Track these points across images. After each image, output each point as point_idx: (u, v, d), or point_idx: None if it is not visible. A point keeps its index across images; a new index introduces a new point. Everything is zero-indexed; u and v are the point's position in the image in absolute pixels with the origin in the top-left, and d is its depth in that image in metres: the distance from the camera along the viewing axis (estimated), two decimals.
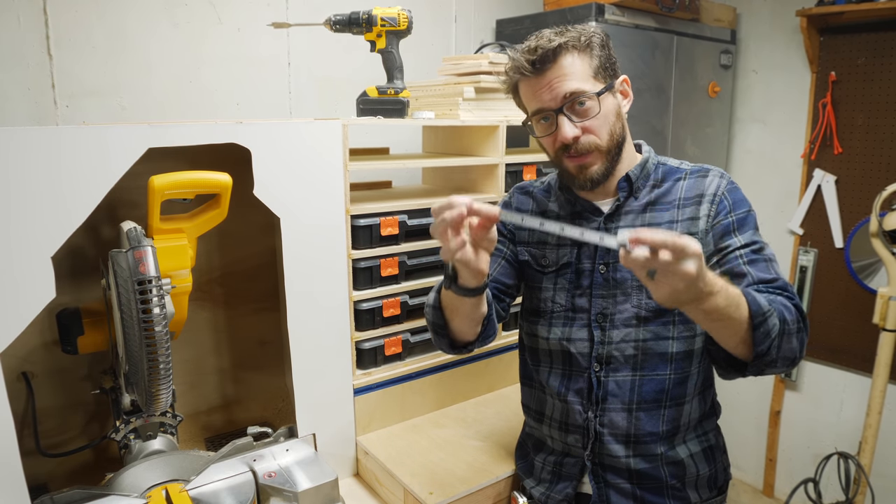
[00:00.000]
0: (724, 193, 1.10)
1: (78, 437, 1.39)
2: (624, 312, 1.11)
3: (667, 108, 2.32)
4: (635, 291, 1.11)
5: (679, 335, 1.10)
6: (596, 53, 1.08)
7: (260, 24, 1.86)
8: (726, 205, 1.09)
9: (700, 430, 1.17)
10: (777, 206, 2.63)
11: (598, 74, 1.07)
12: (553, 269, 1.19)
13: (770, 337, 0.94)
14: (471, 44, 2.36)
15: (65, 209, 1.02)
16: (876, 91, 2.28)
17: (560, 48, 1.05)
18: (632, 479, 1.14)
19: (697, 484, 1.15)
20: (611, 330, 1.12)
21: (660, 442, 1.12)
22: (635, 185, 1.13)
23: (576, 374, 1.16)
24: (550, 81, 1.06)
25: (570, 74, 1.05)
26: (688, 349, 1.11)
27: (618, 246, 0.83)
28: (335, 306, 1.36)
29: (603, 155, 1.09)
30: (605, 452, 1.14)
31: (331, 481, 1.15)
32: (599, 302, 1.13)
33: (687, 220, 1.10)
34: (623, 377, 1.12)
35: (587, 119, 1.06)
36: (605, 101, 1.07)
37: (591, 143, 1.07)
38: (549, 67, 1.05)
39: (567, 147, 1.08)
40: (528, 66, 1.06)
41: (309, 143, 1.27)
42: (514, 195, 1.30)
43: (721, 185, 1.11)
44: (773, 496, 2.77)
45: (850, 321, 2.45)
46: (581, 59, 1.06)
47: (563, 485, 1.20)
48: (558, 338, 1.18)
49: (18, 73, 1.56)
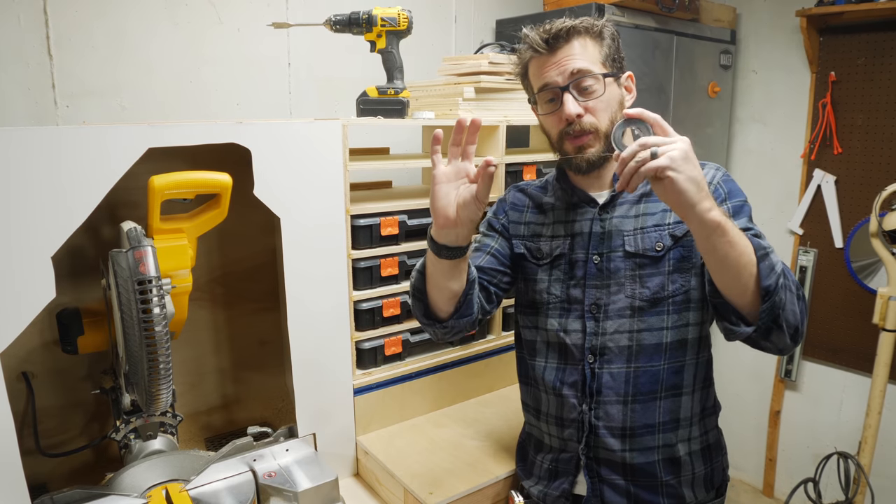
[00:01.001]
0: (719, 183, 1.11)
1: (78, 437, 1.39)
2: (618, 303, 1.12)
3: (667, 108, 2.32)
4: (629, 282, 1.12)
5: (673, 325, 1.11)
6: (606, 43, 1.12)
7: (260, 25, 1.86)
8: (721, 193, 1.10)
9: (701, 427, 1.17)
10: (777, 206, 2.63)
11: (606, 62, 1.11)
12: (548, 261, 1.20)
13: (775, 272, 0.93)
14: (471, 44, 2.36)
15: (65, 209, 1.02)
16: (876, 91, 2.28)
17: (573, 30, 1.09)
18: (626, 475, 1.13)
19: (693, 483, 1.15)
20: (604, 321, 1.13)
21: (656, 434, 1.12)
22: None
23: (570, 367, 1.17)
24: (560, 60, 1.09)
25: (579, 55, 1.09)
26: (681, 338, 1.11)
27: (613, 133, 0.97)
28: (335, 306, 1.36)
29: (601, 138, 1.11)
30: (600, 446, 1.14)
31: (331, 481, 1.15)
32: (593, 292, 1.14)
33: None
34: (617, 369, 1.12)
35: (591, 99, 1.09)
36: (610, 87, 1.11)
37: (592, 124, 1.10)
38: (562, 46, 1.09)
39: (570, 125, 1.10)
40: (541, 43, 1.10)
41: (309, 143, 1.27)
42: (510, 192, 1.32)
43: (717, 175, 1.12)
44: (773, 496, 2.77)
45: (849, 321, 2.45)
46: (592, 44, 1.11)
47: (559, 481, 1.20)
48: (556, 328, 1.18)
49: (18, 73, 1.56)
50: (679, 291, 1.10)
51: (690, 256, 1.10)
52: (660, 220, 1.12)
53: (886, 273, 1.97)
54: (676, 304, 1.10)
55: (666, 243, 1.10)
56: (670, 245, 1.10)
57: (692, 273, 1.10)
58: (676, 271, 1.10)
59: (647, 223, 1.12)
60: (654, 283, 1.10)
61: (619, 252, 1.13)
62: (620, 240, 1.13)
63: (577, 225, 1.18)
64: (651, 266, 1.11)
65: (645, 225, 1.12)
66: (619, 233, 1.14)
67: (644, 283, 1.11)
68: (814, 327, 2.56)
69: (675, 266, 1.10)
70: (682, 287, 1.10)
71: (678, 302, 1.11)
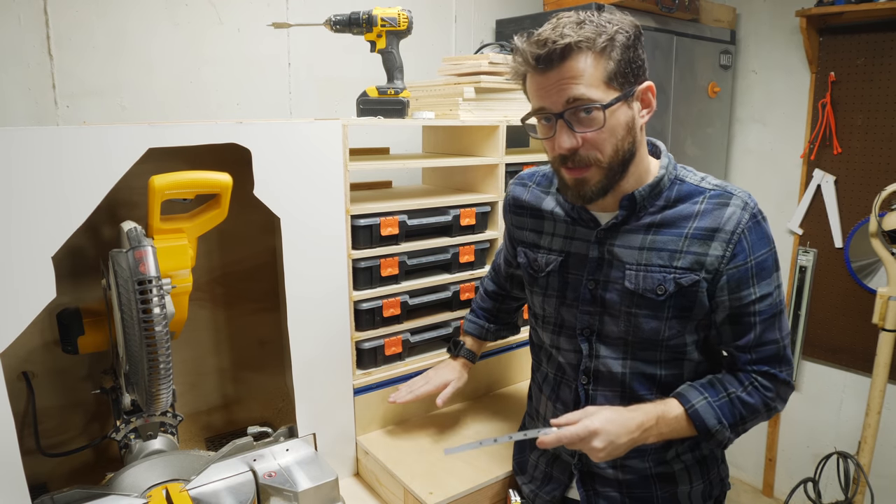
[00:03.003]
0: (743, 232, 0.98)
1: (78, 437, 1.39)
2: (611, 334, 1.07)
3: (667, 109, 2.32)
4: (623, 317, 1.04)
5: (667, 359, 1.06)
6: (615, 57, 0.93)
7: (260, 24, 1.86)
8: (745, 246, 0.98)
9: (693, 442, 1.11)
10: (777, 206, 2.63)
11: (612, 80, 0.94)
12: (543, 275, 1.15)
13: (721, 443, 1.03)
14: (471, 44, 2.36)
15: (65, 209, 1.02)
16: (875, 91, 2.28)
17: (570, 48, 0.91)
18: (621, 489, 1.12)
19: (691, 495, 1.13)
20: (598, 343, 1.08)
21: (647, 457, 1.10)
22: (639, 205, 1.03)
23: (565, 384, 1.15)
24: (555, 83, 0.94)
25: (577, 77, 0.92)
26: (677, 372, 1.07)
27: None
28: (335, 306, 1.36)
29: (603, 171, 0.97)
30: (591, 463, 1.12)
31: (331, 481, 1.15)
32: (586, 318, 1.08)
33: (693, 254, 0.99)
34: (612, 392, 1.08)
35: (590, 130, 0.94)
36: (615, 114, 0.95)
37: (591, 157, 0.96)
38: (556, 67, 0.93)
39: (565, 158, 0.98)
40: (532, 63, 0.94)
41: (309, 143, 1.27)
42: (513, 187, 1.25)
43: (742, 220, 0.98)
44: (773, 496, 2.77)
45: (849, 321, 2.45)
46: (595, 62, 0.92)
47: (551, 486, 1.20)
48: (549, 344, 1.17)
49: (19, 73, 1.56)
50: (676, 336, 1.03)
51: (692, 307, 1.01)
52: (667, 261, 1.00)
53: (886, 273, 1.97)
54: (671, 347, 1.04)
55: (669, 289, 1.00)
56: (673, 291, 1.00)
57: (692, 323, 1.03)
58: (675, 318, 1.02)
59: (653, 260, 1.01)
60: (649, 327, 1.02)
61: (618, 285, 1.04)
62: (621, 272, 1.04)
63: (574, 244, 1.10)
64: (648, 308, 1.02)
65: (650, 262, 1.01)
66: (621, 264, 1.04)
67: (639, 323, 1.03)
68: (814, 327, 2.57)
69: (674, 314, 1.01)
70: (679, 333, 1.03)
71: (673, 346, 1.04)
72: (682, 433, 1.00)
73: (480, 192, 1.62)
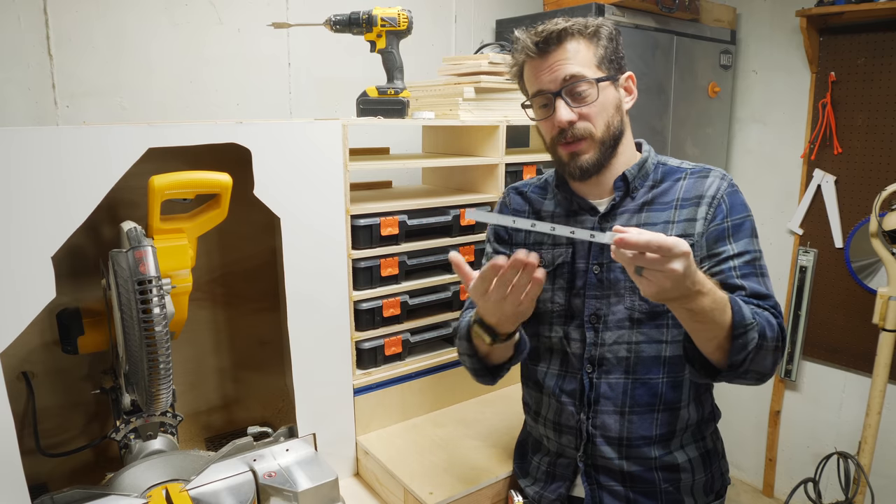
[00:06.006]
0: (723, 196, 1.09)
1: (78, 437, 1.39)
2: (617, 314, 1.11)
3: (667, 109, 2.32)
4: (628, 293, 1.10)
5: (672, 339, 1.09)
6: (602, 44, 1.08)
7: (260, 25, 1.86)
8: (724, 208, 1.08)
9: (698, 434, 1.16)
10: (777, 206, 2.63)
11: (601, 64, 1.08)
12: (550, 270, 1.19)
13: (746, 349, 0.95)
14: (471, 44, 2.36)
15: (65, 209, 1.02)
16: (876, 91, 2.28)
17: (565, 32, 1.06)
18: (625, 482, 1.13)
19: (693, 489, 1.15)
20: (604, 332, 1.12)
21: (653, 446, 1.12)
22: (632, 184, 1.13)
23: (570, 375, 1.16)
24: (552, 64, 1.06)
25: (572, 59, 1.06)
26: (681, 353, 1.09)
27: (610, 241, 0.85)
28: (335, 306, 1.36)
29: (596, 144, 1.08)
30: (597, 454, 1.13)
31: (331, 481, 1.15)
32: (593, 303, 1.13)
33: (683, 221, 1.09)
34: (616, 380, 1.11)
35: (584, 105, 1.06)
36: (605, 91, 1.07)
37: (586, 130, 1.07)
38: (553, 50, 1.06)
39: (563, 132, 1.08)
40: (532, 47, 1.07)
41: (309, 143, 1.27)
42: (509, 195, 1.30)
43: (721, 186, 1.10)
44: (773, 496, 2.77)
45: (849, 321, 2.45)
46: (586, 46, 1.07)
47: (556, 485, 1.20)
48: (559, 336, 1.18)
49: (18, 73, 1.56)
50: None
51: None
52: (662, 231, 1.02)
53: (886, 273, 1.97)
54: (674, 319, 1.06)
55: None
56: None
57: None
58: None
59: None
60: None
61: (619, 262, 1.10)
62: None
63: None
64: None
65: None
66: None
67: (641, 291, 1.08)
68: (814, 327, 2.56)
69: None
70: None
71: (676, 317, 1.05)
72: (722, 315, 0.93)
73: (480, 192, 1.62)
